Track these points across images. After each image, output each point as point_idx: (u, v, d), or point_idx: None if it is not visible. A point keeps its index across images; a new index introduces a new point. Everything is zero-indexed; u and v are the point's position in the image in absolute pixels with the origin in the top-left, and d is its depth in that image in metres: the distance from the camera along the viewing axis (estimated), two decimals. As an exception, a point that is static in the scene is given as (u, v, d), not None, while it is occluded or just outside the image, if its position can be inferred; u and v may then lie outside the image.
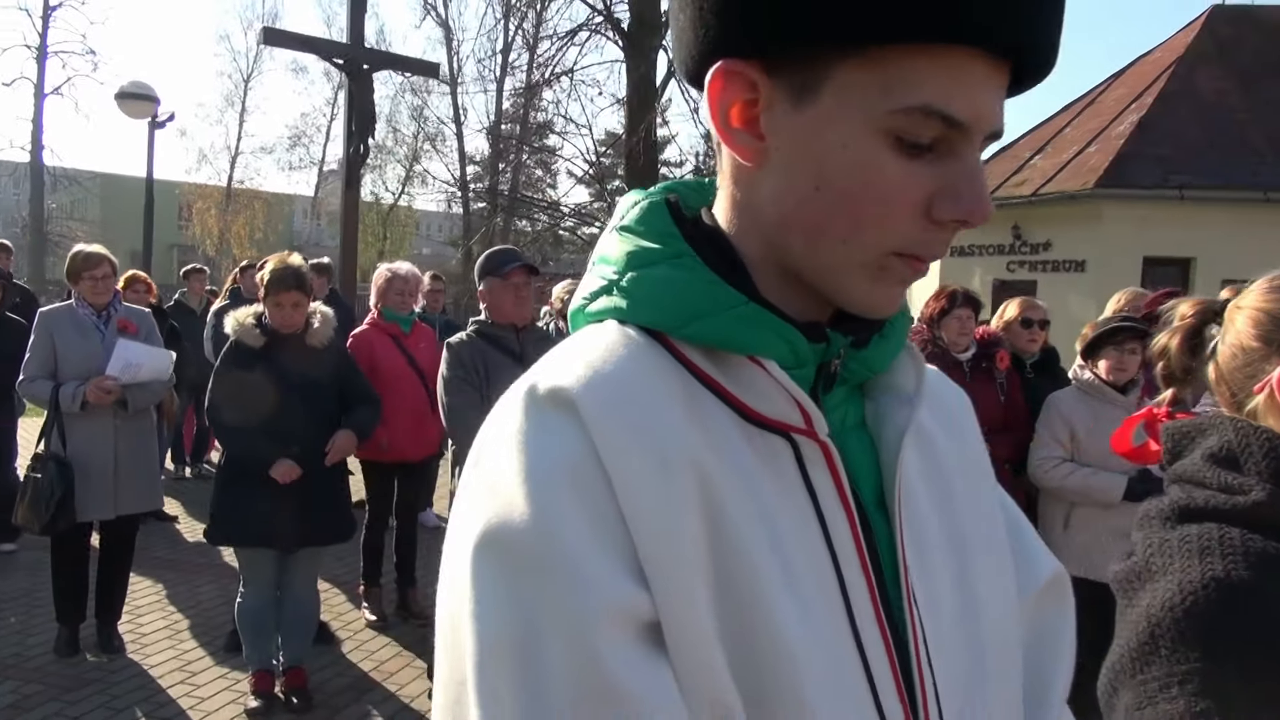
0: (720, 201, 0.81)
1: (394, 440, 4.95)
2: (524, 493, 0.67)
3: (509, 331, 3.88)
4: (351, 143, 11.27)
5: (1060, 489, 3.98)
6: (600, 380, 0.70)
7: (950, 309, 4.24)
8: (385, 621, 5.21)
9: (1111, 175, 12.59)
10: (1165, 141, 13.13)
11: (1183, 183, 12.37)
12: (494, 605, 0.66)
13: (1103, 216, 12.72)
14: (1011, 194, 13.54)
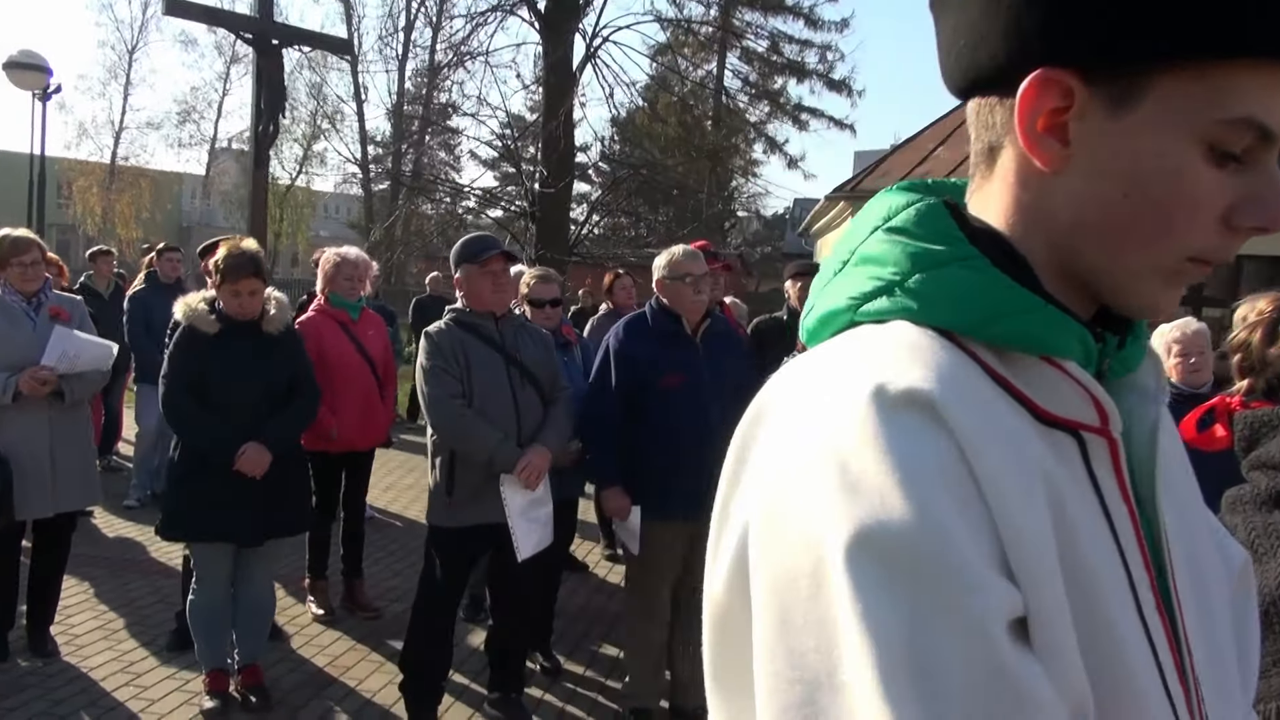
0: (994, 204, 0.82)
1: (343, 430, 4.82)
2: (901, 494, 0.66)
3: (488, 320, 3.81)
4: (260, 120, 10.87)
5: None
6: (948, 380, 0.71)
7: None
8: (333, 615, 5.08)
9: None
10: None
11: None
12: (880, 607, 0.65)
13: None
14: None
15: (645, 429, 3.87)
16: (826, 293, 0.88)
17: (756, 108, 21.22)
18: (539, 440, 3.75)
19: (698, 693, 4.07)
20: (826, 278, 0.89)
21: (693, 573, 4.00)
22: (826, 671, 0.67)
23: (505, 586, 3.98)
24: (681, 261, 3.94)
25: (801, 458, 0.73)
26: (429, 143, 22.14)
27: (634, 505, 3.87)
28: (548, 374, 3.91)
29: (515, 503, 3.72)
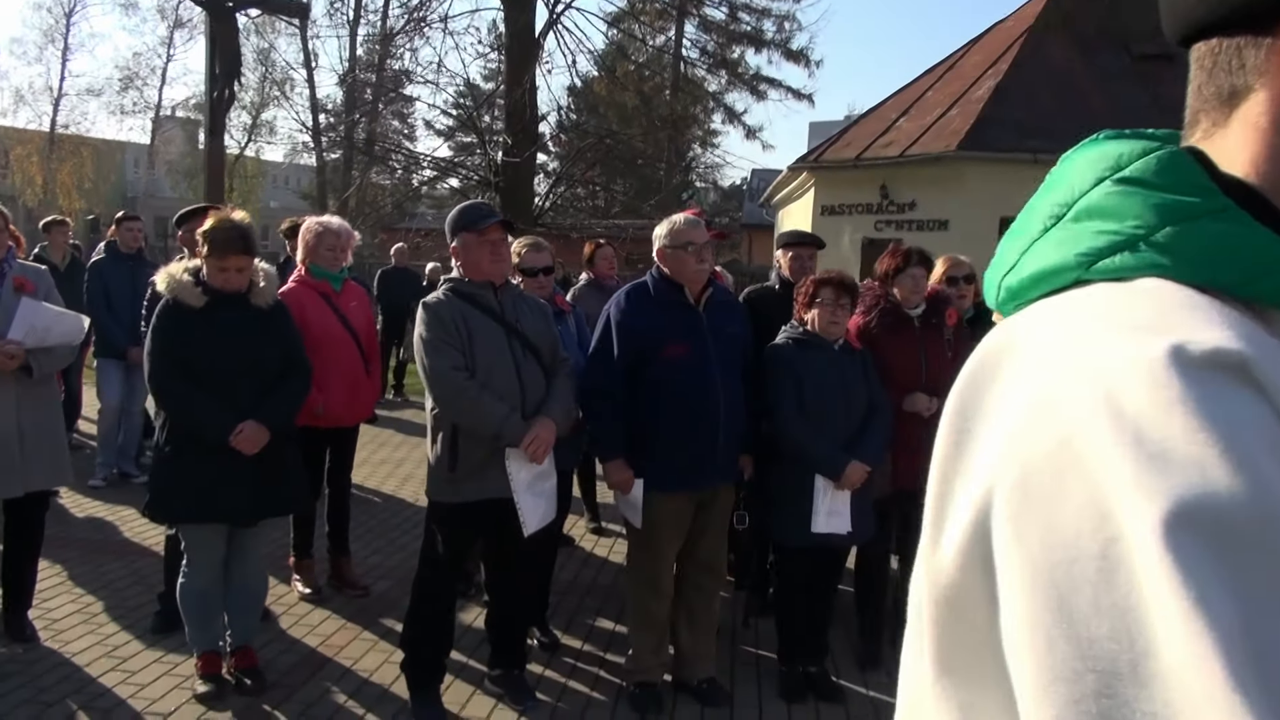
0: (1240, 153, 0.76)
1: (329, 405, 4.67)
2: (1226, 464, 0.60)
3: (486, 290, 3.70)
4: (215, 86, 10.54)
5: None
6: (1252, 339, 0.65)
7: (905, 267, 4.31)
8: (320, 594, 4.96)
9: (972, 138, 13.12)
10: (1020, 107, 13.77)
11: (1036, 147, 13.01)
12: (1211, 590, 0.59)
13: (964, 177, 13.26)
14: (880, 155, 13.96)
15: (648, 400, 3.80)
16: (1037, 251, 0.81)
17: (715, 76, 21.07)
18: (544, 412, 3.66)
19: (702, 665, 4.04)
20: (1030, 235, 0.82)
21: (695, 543, 3.96)
22: (1129, 661, 0.60)
23: (506, 562, 3.90)
24: (684, 230, 3.86)
25: (1073, 426, 0.66)
26: (383, 111, 21.70)
27: (637, 478, 3.81)
28: (548, 344, 3.82)
29: (521, 477, 3.64)
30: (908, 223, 13.79)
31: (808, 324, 4.05)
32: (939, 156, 13.23)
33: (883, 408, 4.05)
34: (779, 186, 17.78)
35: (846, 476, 3.87)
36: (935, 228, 13.57)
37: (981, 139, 13.17)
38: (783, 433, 3.89)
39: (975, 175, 13.18)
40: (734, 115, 22.00)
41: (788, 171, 16.15)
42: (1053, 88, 14.16)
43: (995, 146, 13.08)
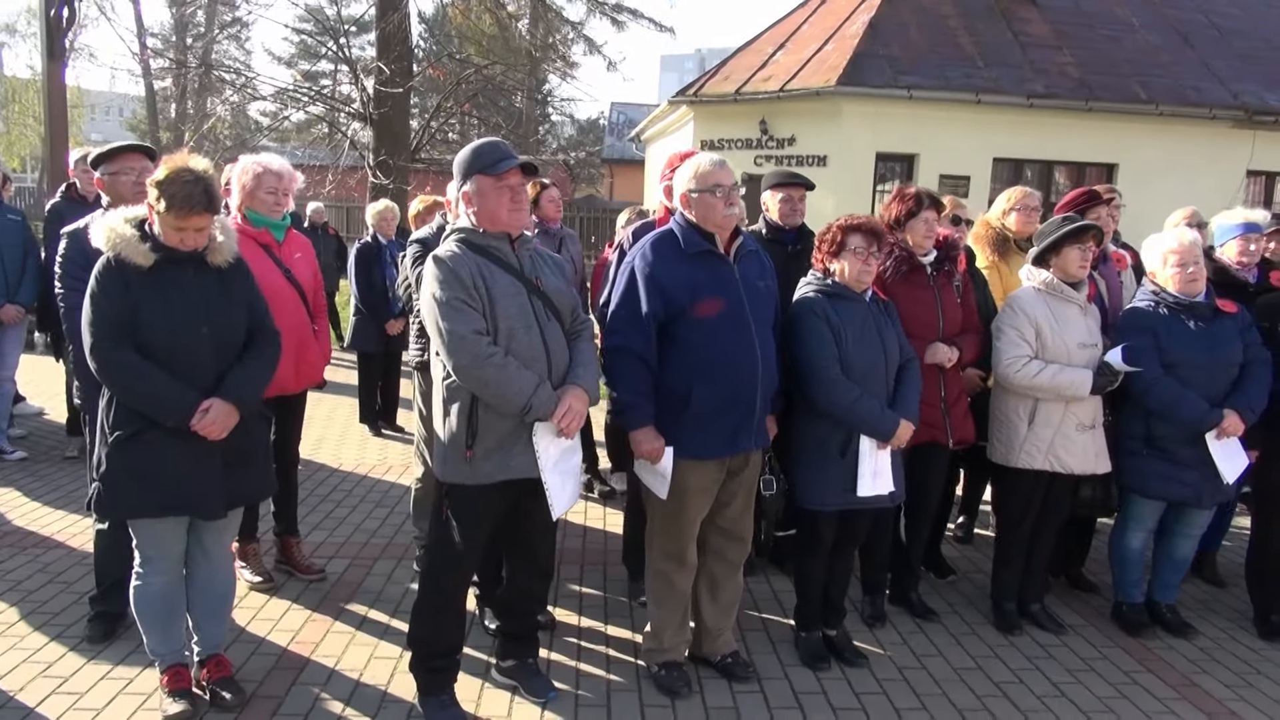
0: None
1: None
2: None
3: (503, 242, 3.20)
4: (53, 3, 9.18)
5: (1031, 386, 3.98)
6: None
7: (917, 211, 4.05)
8: (272, 582, 4.38)
9: (849, 74, 13.05)
10: (893, 43, 13.79)
11: (911, 84, 13.10)
12: None
13: (842, 113, 13.22)
14: (759, 89, 13.72)
15: (680, 361, 3.41)
16: None
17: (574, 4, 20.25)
18: (573, 380, 3.23)
19: (724, 640, 3.76)
20: None
21: (720, 511, 3.64)
22: None
23: (528, 546, 3.47)
24: (710, 171, 3.46)
25: None
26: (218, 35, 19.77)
27: (667, 446, 3.44)
28: (570, 305, 3.36)
29: (550, 454, 3.20)
30: (788, 158, 13.66)
31: (834, 274, 3.74)
32: (818, 92, 13.10)
33: (913, 360, 3.81)
34: (654, 121, 17.34)
35: (898, 436, 3.62)
36: (815, 163, 13.51)
37: (858, 75, 13.11)
38: (830, 395, 3.58)
39: (853, 111, 13.16)
40: (594, 46, 21.30)
41: (667, 104, 15.72)
42: (922, 26, 14.25)
43: (872, 83, 13.06)
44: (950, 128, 13.13)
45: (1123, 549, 4.32)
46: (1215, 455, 3.99)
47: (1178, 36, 14.81)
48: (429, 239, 4.45)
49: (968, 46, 14.01)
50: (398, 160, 11.78)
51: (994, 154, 13.51)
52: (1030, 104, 13.11)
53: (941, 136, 13.13)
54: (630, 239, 4.29)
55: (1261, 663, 4.07)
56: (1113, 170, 13.71)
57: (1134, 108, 13.26)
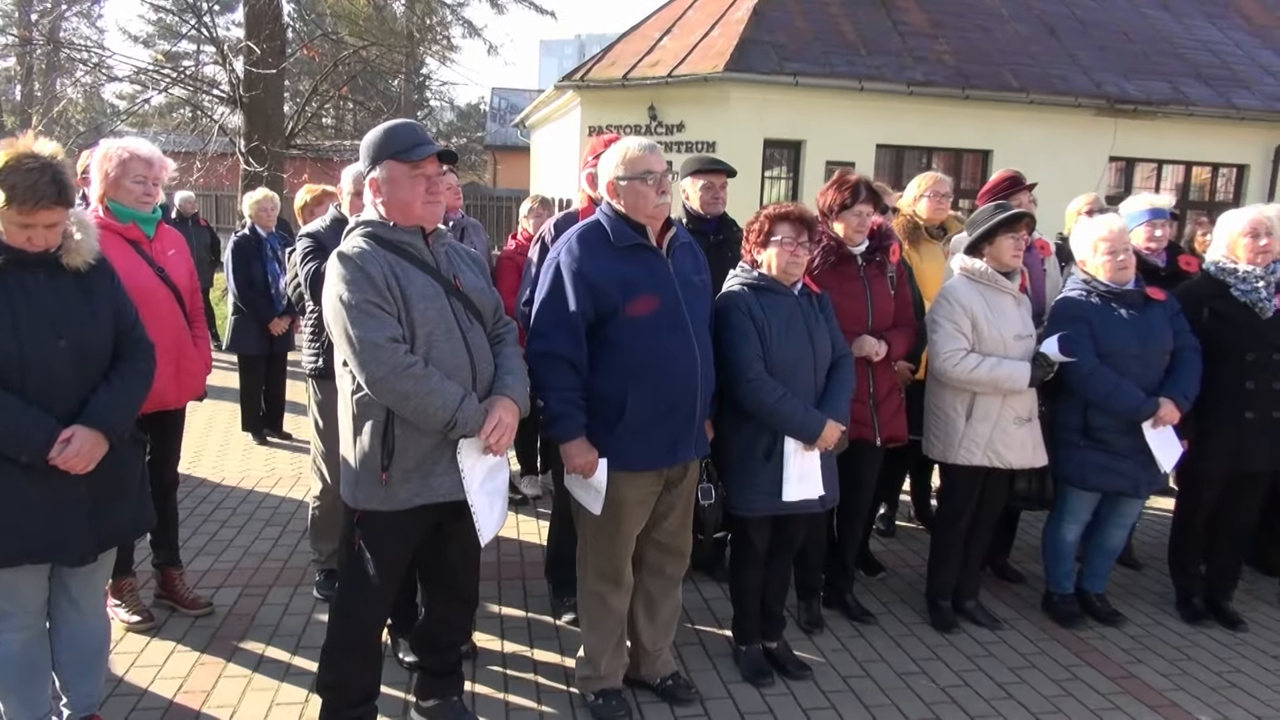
0: None
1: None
2: None
3: (417, 236, 2.80)
4: None
5: (969, 380, 3.82)
6: None
7: (852, 203, 3.82)
8: (152, 620, 3.86)
9: (736, 60, 12.90)
10: (778, 30, 13.71)
11: (797, 70, 13.04)
12: None
13: (730, 99, 13.06)
14: (647, 75, 13.44)
15: (613, 365, 3.09)
16: None
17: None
18: (500, 390, 2.86)
19: (664, 662, 3.48)
20: None
21: (657, 524, 3.34)
22: None
23: (445, 575, 3.09)
24: (640, 156, 3.13)
25: None
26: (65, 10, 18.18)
27: (600, 458, 3.12)
28: (491, 306, 2.98)
29: (476, 473, 2.83)
30: (677, 144, 13.43)
31: (762, 266, 3.47)
32: (706, 78, 12.91)
33: (846, 356, 3.58)
34: (539, 106, 16.85)
35: (824, 437, 3.38)
36: (703, 149, 13.31)
37: (745, 61, 12.98)
38: (753, 395, 3.32)
39: (740, 97, 13.02)
40: (474, 29, 20.59)
41: (553, 90, 15.27)
42: (806, 12, 14.22)
43: (759, 69, 12.94)
44: (835, 114, 13.14)
45: (1058, 541, 4.22)
46: (1152, 444, 3.91)
47: (1044, 28, 15.20)
48: (321, 233, 3.99)
49: (850, 34, 14.04)
50: (272, 146, 11.00)
51: (877, 140, 13.59)
52: (910, 91, 13.22)
53: (827, 123, 13.13)
54: (553, 232, 3.94)
55: (1191, 648, 4.03)
56: (988, 156, 13.98)
57: (1007, 96, 13.52)
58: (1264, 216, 4.03)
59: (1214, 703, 3.59)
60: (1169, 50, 15.18)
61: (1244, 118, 14.13)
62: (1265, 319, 4.00)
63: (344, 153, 12.83)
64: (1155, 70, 14.60)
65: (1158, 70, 14.61)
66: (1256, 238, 3.99)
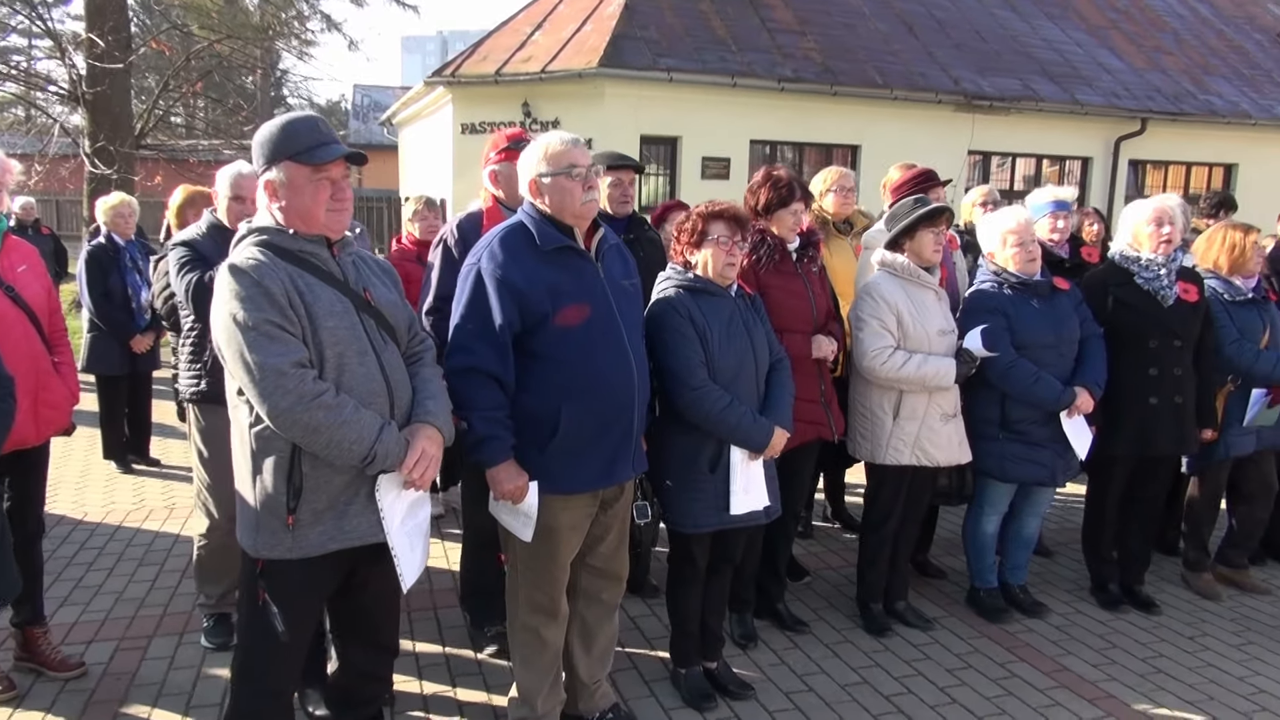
0: None
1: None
2: None
3: (320, 245, 2.44)
4: None
5: (898, 378, 3.69)
6: None
7: (789, 200, 3.63)
8: (15, 690, 3.33)
9: (610, 56, 12.69)
10: (650, 26, 13.56)
11: (671, 66, 12.91)
12: None
13: (604, 95, 12.83)
14: (520, 70, 13.07)
15: (543, 380, 2.80)
16: None
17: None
18: (422, 418, 2.53)
19: (603, 694, 3.21)
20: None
21: (592, 548, 3.07)
22: None
23: (363, 622, 2.73)
24: (564, 150, 2.85)
25: None
26: None
27: (530, 481, 2.82)
28: (405, 321, 2.65)
29: (396, 511, 2.49)
30: (553, 142, 13.09)
31: (696, 267, 3.24)
32: (581, 73, 12.64)
33: (783, 359, 3.39)
34: (407, 103, 16.18)
35: (772, 445, 3.18)
36: (580, 147, 13.04)
37: (619, 57, 12.78)
38: (697, 404, 3.08)
39: (615, 93, 12.81)
40: (333, 24, 19.64)
41: (422, 86, 14.68)
42: (676, 8, 14.11)
43: (633, 65, 12.77)
44: (709, 110, 13.09)
45: (979, 534, 4.16)
46: (1069, 433, 3.87)
47: (903, 26, 15.55)
48: (198, 240, 3.54)
49: (720, 30, 14.01)
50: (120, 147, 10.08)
51: (750, 136, 13.62)
52: (782, 88, 13.29)
53: (701, 119, 13.07)
54: (455, 234, 3.60)
55: (1114, 635, 4.03)
56: (856, 151, 14.21)
57: (872, 92, 13.76)
58: (1167, 206, 4.05)
59: (1145, 690, 3.57)
60: (1018, 49, 15.78)
61: (1087, 113, 14.82)
62: (1167, 306, 4.03)
63: (201, 153, 11.96)
64: (1007, 68, 15.14)
65: (1009, 68, 15.16)
66: (1160, 226, 4.01)
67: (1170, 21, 18.03)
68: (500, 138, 3.71)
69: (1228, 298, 4.28)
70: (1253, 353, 4.19)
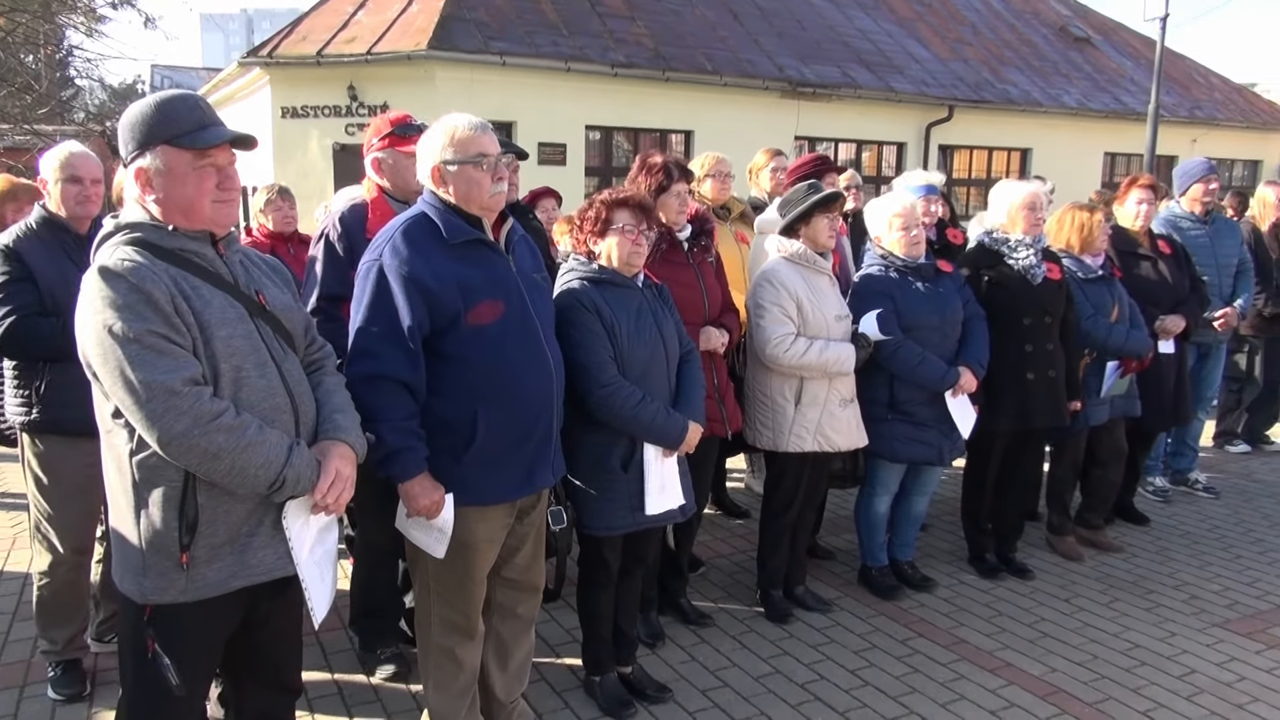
0: None
1: None
2: None
3: (205, 243, 2.10)
4: None
5: (800, 365, 3.64)
6: None
7: (668, 185, 3.49)
8: None
9: (440, 38, 12.23)
10: (479, 8, 13.16)
11: (502, 49, 12.57)
12: None
13: (436, 79, 12.35)
14: (344, 52, 12.39)
15: (457, 384, 2.56)
16: None
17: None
18: (331, 434, 2.24)
19: (520, 712, 3.03)
20: None
21: (507, 559, 2.87)
22: None
23: (263, 662, 2.41)
24: (472, 136, 2.61)
25: None
26: None
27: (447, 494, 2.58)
28: (302, 325, 2.34)
29: (305, 540, 2.20)
30: (383, 127, 12.50)
31: (601, 257, 3.06)
32: (410, 56, 12.11)
33: (693, 351, 3.26)
34: (218, 85, 15.03)
35: (687, 441, 3.05)
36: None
37: (449, 39, 12.33)
38: (608, 401, 2.91)
39: (447, 76, 12.35)
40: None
41: (236, 67, 13.66)
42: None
43: (464, 47, 12.36)
44: (544, 95, 12.84)
45: (871, 514, 4.19)
46: (953, 413, 3.95)
47: (729, 13, 15.78)
48: (23, 243, 3.05)
49: (550, 14, 13.76)
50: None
51: (586, 121, 13.47)
52: (615, 73, 13.21)
53: (536, 104, 12.79)
54: (339, 227, 3.26)
55: (998, 603, 4.16)
56: (690, 136, 14.31)
57: (703, 78, 13.88)
58: (1039, 191, 4.19)
59: (1037, 655, 3.69)
60: (835, 38, 16.33)
61: (900, 100, 15.52)
62: (1036, 285, 4.18)
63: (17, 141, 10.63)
64: (826, 56, 15.64)
65: (828, 56, 15.66)
66: (1034, 210, 4.14)
67: (968, 15, 19.15)
68: (383, 122, 3.41)
69: (1081, 275, 4.48)
70: (1106, 327, 4.42)
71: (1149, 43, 21.01)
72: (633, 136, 14.33)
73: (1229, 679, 3.52)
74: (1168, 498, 5.55)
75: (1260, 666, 3.61)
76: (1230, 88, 21.62)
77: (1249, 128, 20.26)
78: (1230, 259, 5.41)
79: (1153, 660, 3.65)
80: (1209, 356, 5.56)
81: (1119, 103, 18.22)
